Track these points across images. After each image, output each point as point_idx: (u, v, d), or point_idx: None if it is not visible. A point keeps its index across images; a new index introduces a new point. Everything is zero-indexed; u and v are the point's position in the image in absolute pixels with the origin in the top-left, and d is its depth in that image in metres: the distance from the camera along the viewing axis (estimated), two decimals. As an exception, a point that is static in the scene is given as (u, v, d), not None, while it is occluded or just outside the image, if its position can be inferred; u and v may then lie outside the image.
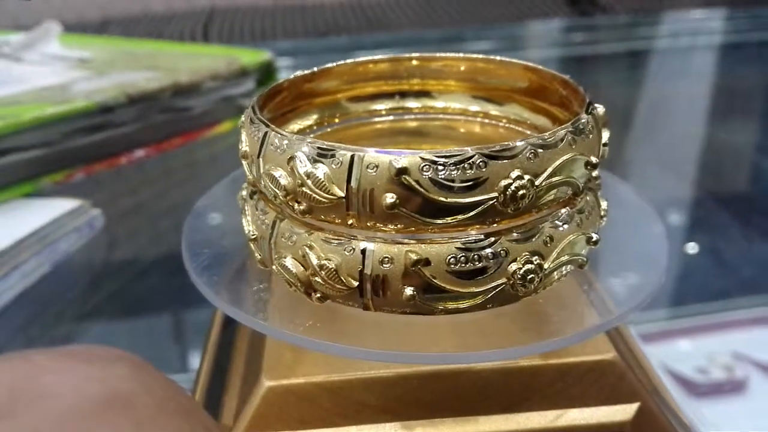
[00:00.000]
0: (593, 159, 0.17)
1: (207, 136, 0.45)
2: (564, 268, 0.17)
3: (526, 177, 0.16)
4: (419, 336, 0.17)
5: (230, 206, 0.21)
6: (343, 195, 0.16)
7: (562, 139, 0.16)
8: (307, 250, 0.17)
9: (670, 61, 0.78)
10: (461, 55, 0.23)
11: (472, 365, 0.18)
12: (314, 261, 0.16)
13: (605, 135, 0.18)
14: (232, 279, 0.20)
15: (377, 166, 0.15)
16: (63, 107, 0.37)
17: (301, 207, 0.16)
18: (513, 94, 0.23)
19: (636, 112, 0.59)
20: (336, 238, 0.17)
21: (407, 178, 0.15)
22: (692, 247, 0.39)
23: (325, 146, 0.16)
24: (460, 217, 0.16)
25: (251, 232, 0.19)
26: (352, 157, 0.16)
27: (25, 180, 0.36)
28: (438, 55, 0.24)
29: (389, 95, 0.24)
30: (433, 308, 0.16)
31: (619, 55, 0.78)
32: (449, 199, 0.15)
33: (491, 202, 0.15)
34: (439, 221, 0.16)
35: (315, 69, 0.22)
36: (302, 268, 0.17)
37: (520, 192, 0.15)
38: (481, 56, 0.23)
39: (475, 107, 0.24)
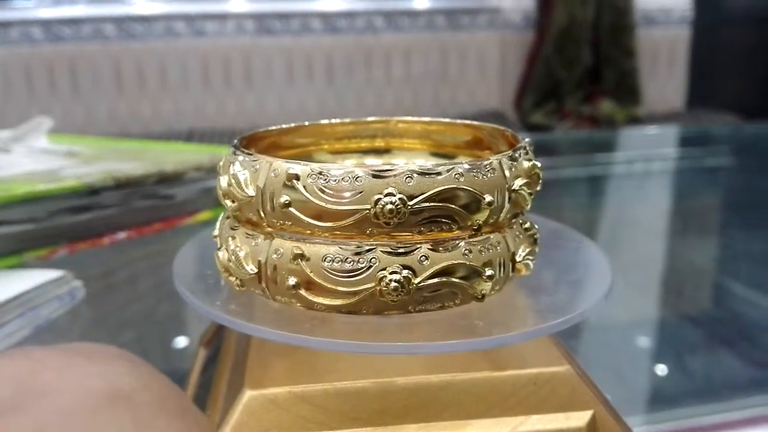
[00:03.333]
0: (487, 197, 0.19)
1: (186, 224, 0.47)
2: (447, 290, 0.19)
3: (398, 196, 0.18)
4: (379, 334, 0.19)
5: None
6: (254, 194, 0.19)
7: (444, 172, 0.18)
8: (230, 240, 0.20)
9: (626, 185, 0.83)
10: (416, 118, 0.27)
11: (439, 376, 0.19)
12: (231, 248, 0.20)
13: (518, 182, 0.20)
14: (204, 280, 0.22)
15: (279, 173, 0.19)
16: (53, 185, 0.39)
17: (233, 205, 0.20)
18: (460, 149, 0.26)
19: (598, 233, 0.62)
20: (252, 232, 0.20)
21: (297, 182, 0.19)
22: (660, 366, 0.40)
23: (252, 157, 0.20)
24: (340, 223, 0.18)
25: (213, 233, 0.22)
26: (265, 164, 0.19)
27: (10, 253, 0.38)
28: (396, 118, 0.27)
29: (355, 152, 0.27)
30: (313, 302, 0.19)
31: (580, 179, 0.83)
32: (328, 205, 0.18)
33: (365, 212, 0.18)
34: (321, 224, 0.19)
35: (292, 124, 0.25)
36: (227, 255, 0.20)
37: (388, 207, 0.18)
38: (431, 119, 0.27)
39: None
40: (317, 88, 1.86)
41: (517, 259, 0.21)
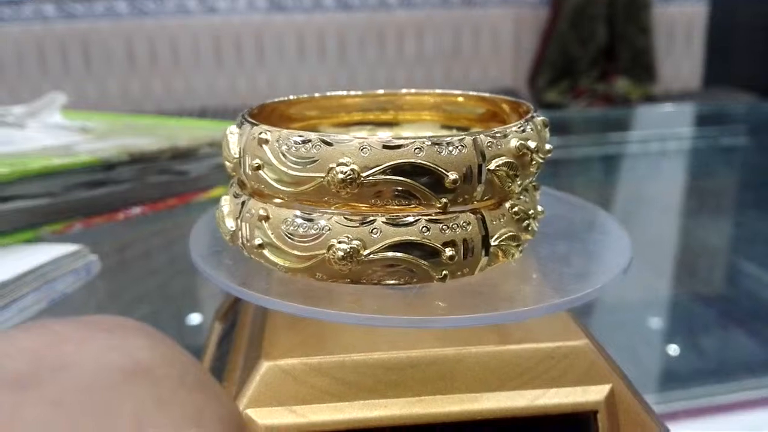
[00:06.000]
0: (451, 175, 0.18)
1: (200, 200, 0.47)
2: (403, 266, 0.19)
3: (351, 166, 0.18)
4: (399, 307, 0.19)
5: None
6: (237, 157, 0.20)
7: (405, 146, 0.18)
8: (223, 198, 0.21)
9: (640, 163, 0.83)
10: (427, 90, 0.26)
11: (456, 349, 0.19)
12: (221, 204, 0.22)
13: (496, 162, 0.19)
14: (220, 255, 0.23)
15: (255, 137, 0.19)
16: (68, 159, 0.39)
17: (229, 165, 0.21)
18: (474, 121, 0.26)
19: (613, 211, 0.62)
20: (239, 192, 0.21)
21: (266, 147, 0.19)
22: (673, 345, 0.40)
23: (243, 120, 0.20)
24: (300, 188, 0.19)
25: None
26: (247, 128, 0.20)
27: (26, 227, 0.38)
28: (406, 90, 0.27)
29: (364, 124, 0.27)
30: (275, 262, 0.19)
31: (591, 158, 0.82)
32: (289, 171, 0.19)
33: (320, 180, 0.18)
34: (284, 188, 0.19)
35: (302, 95, 0.25)
36: (218, 211, 0.22)
37: (339, 176, 0.18)
38: (444, 90, 0.26)
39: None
40: (329, 66, 1.85)
41: (492, 242, 0.20)
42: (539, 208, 0.22)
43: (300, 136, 0.19)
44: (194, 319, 0.39)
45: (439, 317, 0.18)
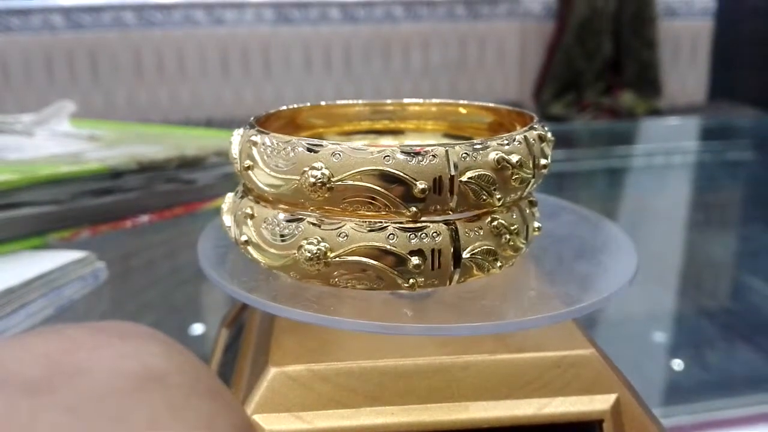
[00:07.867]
0: (420, 185, 0.18)
1: (207, 208, 0.47)
2: (370, 271, 0.19)
3: (322, 171, 0.18)
4: (407, 315, 0.19)
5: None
6: (236, 157, 0.21)
7: (375, 153, 0.18)
8: (227, 197, 0.23)
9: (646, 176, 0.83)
10: (432, 100, 0.27)
11: (462, 358, 0.19)
12: (224, 203, 0.23)
13: (469, 174, 0.19)
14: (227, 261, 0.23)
15: (248, 140, 0.20)
16: (76, 167, 0.40)
17: (236, 167, 0.22)
18: (480, 131, 0.26)
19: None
20: (238, 191, 0.22)
21: (255, 149, 0.20)
22: (677, 359, 0.40)
23: (246, 125, 0.21)
24: (279, 190, 0.19)
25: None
26: (244, 132, 0.21)
27: (34, 234, 0.38)
28: (411, 100, 0.27)
29: (368, 133, 0.27)
30: (258, 260, 0.20)
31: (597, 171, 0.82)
32: (271, 172, 0.19)
33: (295, 182, 0.19)
34: (267, 189, 0.20)
35: (307, 104, 0.26)
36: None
37: (310, 180, 0.18)
38: (449, 100, 0.26)
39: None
40: (335, 78, 1.86)
41: (464, 255, 0.19)
42: (536, 224, 0.22)
43: (283, 139, 0.19)
44: (200, 326, 0.39)
45: (447, 325, 0.18)
